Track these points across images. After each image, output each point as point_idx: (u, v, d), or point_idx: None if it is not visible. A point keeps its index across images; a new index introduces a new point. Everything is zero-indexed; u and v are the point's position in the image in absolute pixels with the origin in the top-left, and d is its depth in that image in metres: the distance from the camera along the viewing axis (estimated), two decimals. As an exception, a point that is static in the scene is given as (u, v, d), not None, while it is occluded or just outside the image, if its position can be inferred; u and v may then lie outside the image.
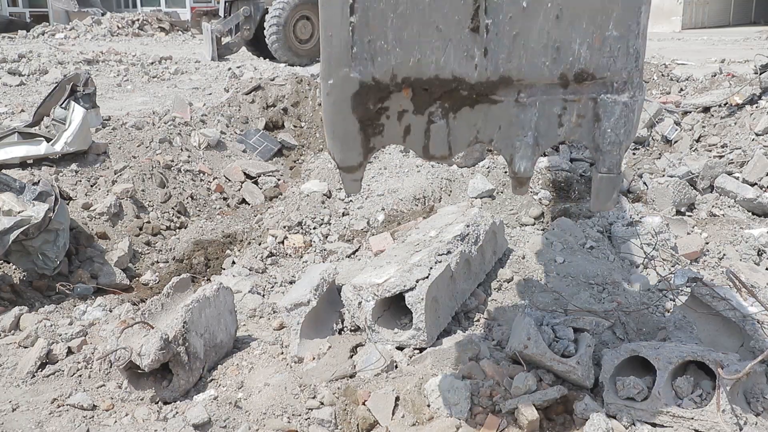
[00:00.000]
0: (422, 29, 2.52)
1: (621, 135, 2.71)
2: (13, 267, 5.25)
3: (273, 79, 10.25)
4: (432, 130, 2.73)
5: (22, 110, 9.90)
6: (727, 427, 3.16)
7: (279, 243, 5.99)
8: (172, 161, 7.49)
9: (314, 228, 6.32)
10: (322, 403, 3.53)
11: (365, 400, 3.55)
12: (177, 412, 3.48)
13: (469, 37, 2.52)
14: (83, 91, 7.66)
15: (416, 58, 2.56)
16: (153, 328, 3.67)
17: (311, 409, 3.49)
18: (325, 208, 6.66)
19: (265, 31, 16.76)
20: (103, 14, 29.78)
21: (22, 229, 4.94)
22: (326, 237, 6.18)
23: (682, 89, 9.27)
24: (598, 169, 2.77)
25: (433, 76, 2.59)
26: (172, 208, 6.81)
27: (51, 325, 4.42)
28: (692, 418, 3.25)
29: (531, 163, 2.79)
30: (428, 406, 3.51)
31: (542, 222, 6.22)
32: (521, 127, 2.71)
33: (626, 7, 2.50)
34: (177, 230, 6.59)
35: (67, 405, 3.59)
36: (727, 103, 8.15)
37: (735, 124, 7.90)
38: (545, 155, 8.00)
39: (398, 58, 2.56)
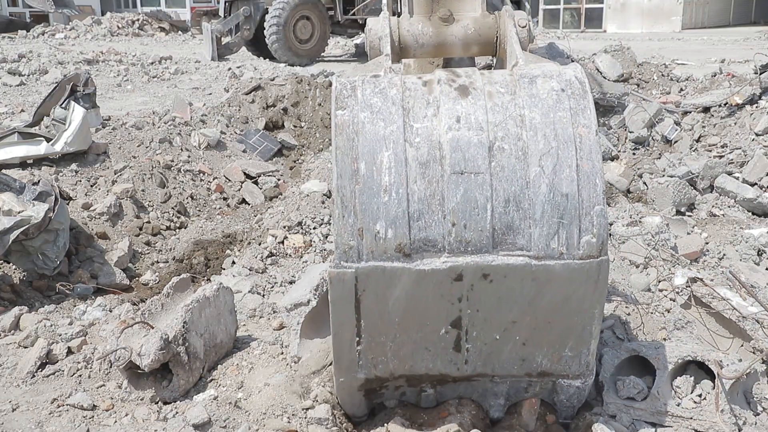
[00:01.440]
0: (415, 350, 3.19)
1: (574, 402, 3.48)
2: (13, 267, 5.25)
3: (273, 79, 10.25)
4: (422, 396, 3.51)
5: (22, 110, 9.91)
6: (725, 427, 3.17)
7: (279, 243, 5.99)
8: (172, 161, 7.49)
9: (314, 228, 6.32)
10: (317, 401, 3.54)
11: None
12: (177, 412, 3.48)
13: (452, 353, 3.20)
14: (83, 91, 7.66)
15: (410, 365, 3.25)
16: (153, 328, 3.67)
17: (307, 409, 3.49)
18: (325, 208, 6.66)
19: (265, 31, 16.77)
20: (76, 14, 29.74)
21: (22, 229, 4.94)
22: (326, 237, 6.18)
23: (682, 89, 9.27)
24: (558, 409, 3.53)
25: (423, 373, 3.29)
26: (172, 208, 6.81)
27: (51, 325, 4.42)
28: (691, 418, 3.26)
29: (502, 413, 3.56)
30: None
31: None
32: (494, 395, 3.50)
33: (578, 340, 3.16)
34: (177, 230, 6.59)
35: (67, 405, 3.59)
36: (727, 103, 8.15)
37: (735, 124, 7.90)
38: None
39: (395, 365, 3.24)
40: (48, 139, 6.72)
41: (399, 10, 4.14)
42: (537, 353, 3.22)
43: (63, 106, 7.27)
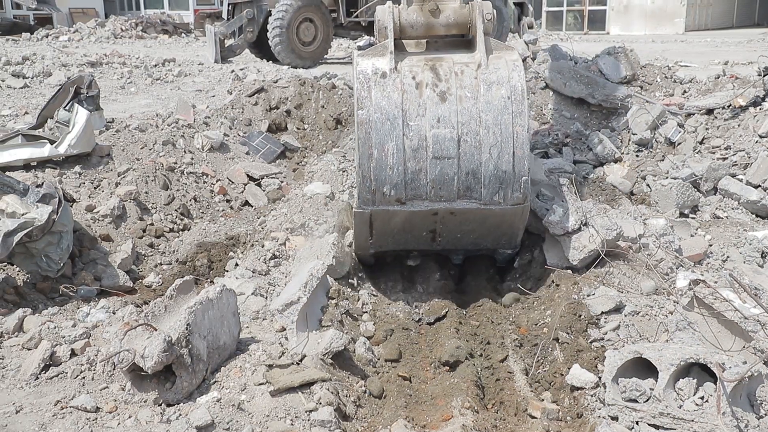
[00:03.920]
0: (406, 240, 5.18)
1: (507, 258, 5.66)
2: (17, 269, 5.26)
3: (276, 81, 10.26)
4: (410, 256, 5.70)
5: (26, 112, 9.93)
6: (727, 429, 3.16)
7: (281, 245, 5.99)
8: (176, 163, 7.50)
9: (317, 230, 6.31)
10: (320, 403, 3.54)
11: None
12: (180, 414, 3.48)
13: (429, 242, 5.20)
14: (87, 93, 7.67)
15: (403, 245, 5.33)
16: (156, 330, 3.67)
17: (310, 411, 3.49)
18: (328, 210, 6.66)
19: (268, 34, 16.78)
20: (58, 12, 29.70)
21: (25, 231, 4.95)
22: (329, 239, 6.18)
23: (685, 91, 9.25)
24: (496, 260, 5.73)
25: (412, 248, 5.48)
26: (176, 210, 6.81)
27: (54, 327, 4.43)
28: (693, 421, 3.25)
29: (460, 261, 5.81)
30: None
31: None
32: (456, 254, 5.73)
33: (509, 237, 5.19)
34: (180, 232, 6.60)
35: (70, 407, 3.60)
36: (730, 105, 8.13)
37: (738, 126, 7.88)
38: (548, 157, 8.01)
39: (393, 245, 5.31)
40: (52, 142, 6.73)
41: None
42: (483, 241, 5.24)
43: (67, 108, 7.28)
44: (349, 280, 5.30)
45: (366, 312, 5.06)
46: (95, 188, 6.63)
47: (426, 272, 5.63)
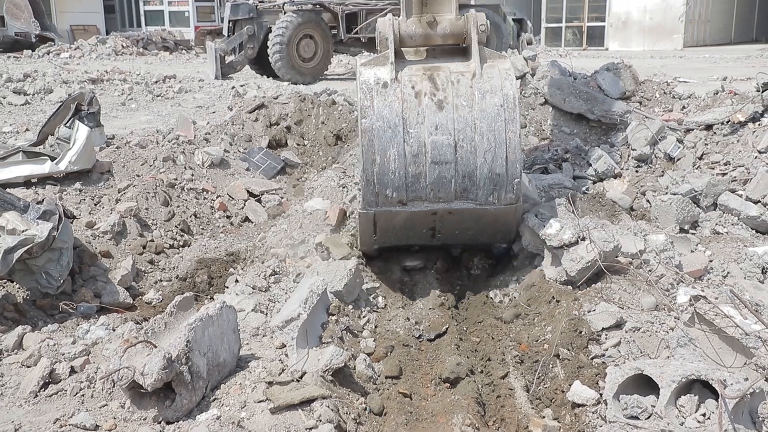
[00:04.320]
0: (408, 236, 5.49)
1: (503, 251, 6.00)
2: (17, 286, 5.25)
3: (276, 98, 10.30)
4: (411, 248, 5.90)
5: (27, 129, 9.96)
6: (731, 446, 3.15)
7: (282, 261, 5.99)
8: (176, 179, 7.51)
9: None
10: (320, 420, 3.52)
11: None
12: (179, 432, 3.47)
13: (429, 238, 5.52)
14: (88, 110, 7.69)
15: (404, 241, 5.61)
16: (156, 347, 3.66)
17: (311, 429, 3.48)
18: (328, 226, 6.66)
19: (268, 50, 16.87)
20: (60, 37, 29.75)
21: (26, 248, 4.95)
22: (329, 255, 6.17)
23: (684, 107, 9.27)
24: (493, 252, 6.11)
25: (413, 243, 5.74)
26: (176, 226, 6.82)
27: (54, 345, 4.41)
28: (696, 438, 3.24)
29: (458, 253, 6.14)
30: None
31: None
32: (455, 248, 6.08)
33: (505, 234, 5.57)
34: (180, 249, 6.60)
35: (69, 425, 3.58)
36: (729, 121, 8.15)
37: (738, 141, 7.90)
38: (548, 173, 8.02)
39: (396, 241, 5.59)
40: (52, 158, 6.74)
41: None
42: (480, 237, 5.62)
43: (67, 125, 7.30)
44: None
45: (366, 328, 5.05)
46: (95, 205, 6.64)
47: (426, 288, 5.62)
